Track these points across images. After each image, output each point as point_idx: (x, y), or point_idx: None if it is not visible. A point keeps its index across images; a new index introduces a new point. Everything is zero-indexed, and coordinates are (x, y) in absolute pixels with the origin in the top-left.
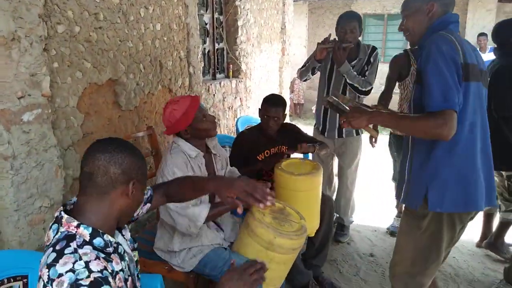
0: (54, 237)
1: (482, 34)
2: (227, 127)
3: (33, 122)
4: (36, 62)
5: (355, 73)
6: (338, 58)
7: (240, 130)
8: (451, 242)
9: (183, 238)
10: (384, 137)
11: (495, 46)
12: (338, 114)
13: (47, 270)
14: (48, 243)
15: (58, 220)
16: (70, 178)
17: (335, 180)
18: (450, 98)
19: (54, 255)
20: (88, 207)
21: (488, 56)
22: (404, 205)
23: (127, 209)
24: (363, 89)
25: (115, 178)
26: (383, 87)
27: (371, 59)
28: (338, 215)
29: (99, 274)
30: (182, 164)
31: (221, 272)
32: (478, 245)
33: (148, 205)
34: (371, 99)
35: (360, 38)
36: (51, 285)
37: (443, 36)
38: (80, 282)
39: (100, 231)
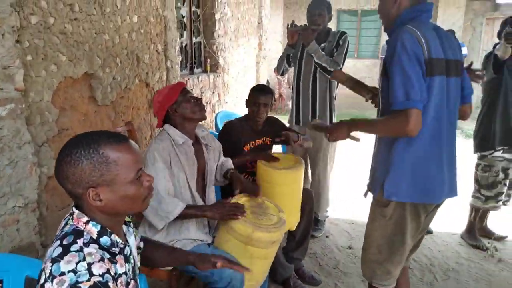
0: (62, 229)
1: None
2: (205, 123)
3: (6, 117)
4: (8, 54)
5: (323, 52)
6: (306, 37)
7: (220, 126)
8: (417, 231)
9: (167, 231)
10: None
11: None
12: (310, 105)
13: (50, 264)
14: (57, 233)
15: (71, 214)
16: (44, 176)
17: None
18: (412, 97)
19: (60, 250)
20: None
21: None
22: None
23: (109, 209)
24: (331, 69)
25: (71, 189)
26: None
27: (340, 42)
28: None
29: (100, 279)
30: (165, 150)
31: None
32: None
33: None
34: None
35: (332, 28)
36: (52, 282)
37: (408, 31)
38: (80, 285)
39: (108, 230)
